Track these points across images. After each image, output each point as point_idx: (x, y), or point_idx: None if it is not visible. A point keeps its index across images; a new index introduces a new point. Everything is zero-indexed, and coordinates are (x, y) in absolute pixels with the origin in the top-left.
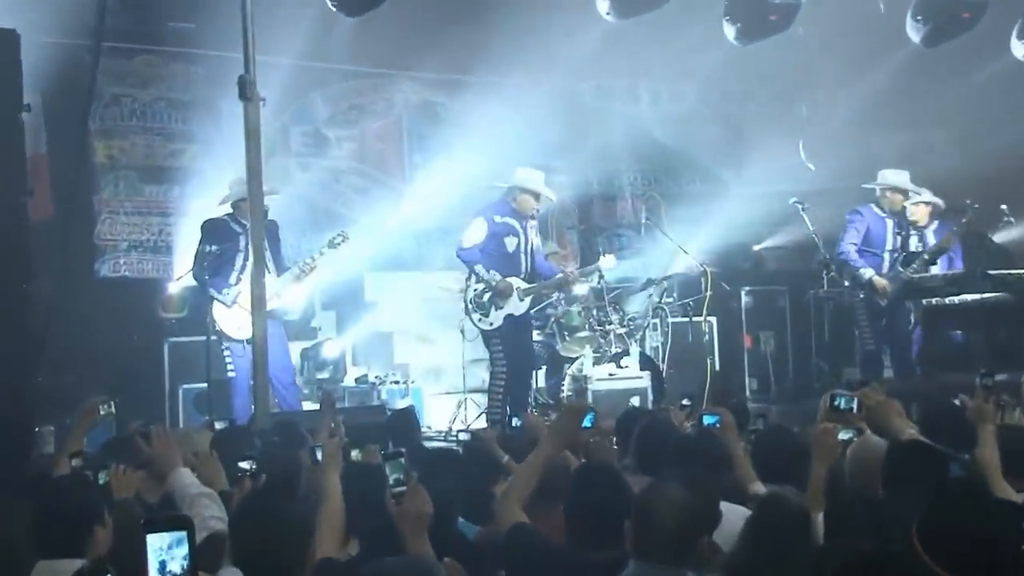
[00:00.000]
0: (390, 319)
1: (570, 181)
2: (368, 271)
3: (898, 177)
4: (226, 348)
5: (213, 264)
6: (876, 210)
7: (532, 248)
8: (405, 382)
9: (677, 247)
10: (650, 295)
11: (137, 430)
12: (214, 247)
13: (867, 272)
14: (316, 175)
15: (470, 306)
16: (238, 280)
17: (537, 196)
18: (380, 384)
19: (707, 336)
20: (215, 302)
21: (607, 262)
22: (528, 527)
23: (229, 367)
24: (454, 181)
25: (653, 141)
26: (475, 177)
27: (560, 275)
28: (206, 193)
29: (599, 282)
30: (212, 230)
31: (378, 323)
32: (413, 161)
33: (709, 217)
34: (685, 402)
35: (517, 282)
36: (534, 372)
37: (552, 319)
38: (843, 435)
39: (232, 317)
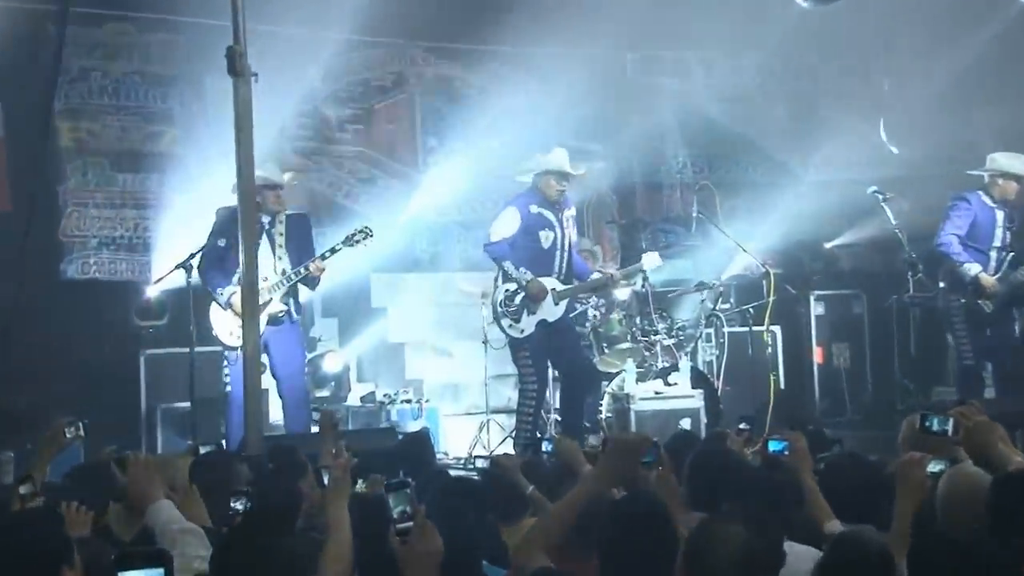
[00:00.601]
0: (401, 328)
1: (610, 168)
2: (375, 273)
3: (1013, 161)
4: (224, 357)
5: (217, 260)
6: (985, 198)
7: (569, 244)
8: (418, 401)
9: (735, 244)
10: (703, 300)
11: (110, 456)
12: (223, 241)
13: (973, 268)
14: (314, 161)
15: (499, 310)
16: (239, 279)
17: (563, 177)
18: (389, 403)
19: (770, 348)
20: (213, 304)
21: (650, 260)
22: (554, 573)
23: (226, 379)
24: (476, 169)
25: (707, 121)
26: (500, 164)
27: (599, 275)
28: (189, 182)
29: (643, 285)
30: (226, 220)
31: (387, 333)
32: (428, 145)
33: (772, 209)
34: (743, 425)
35: (551, 283)
36: (589, 386)
37: (589, 328)
38: (933, 467)
39: (228, 321)
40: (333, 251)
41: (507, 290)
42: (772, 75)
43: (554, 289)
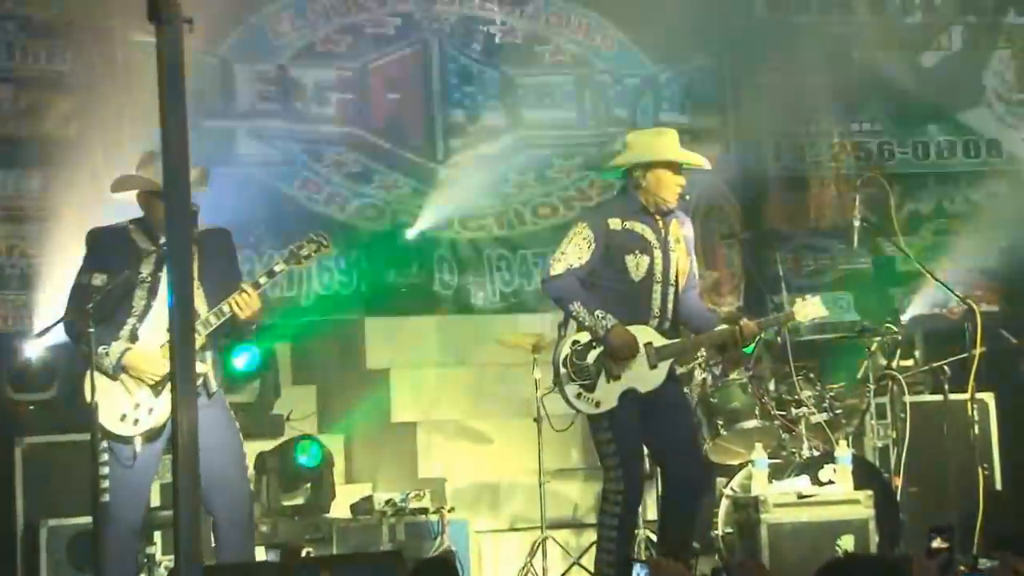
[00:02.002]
0: (411, 401)
1: (727, 155)
2: (371, 317)
3: None
4: (104, 451)
5: (100, 305)
6: None
7: (677, 275)
8: (438, 511)
9: (920, 268)
10: (871, 354)
11: None
12: (101, 276)
13: None
14: (279, 148)
15: (564, 371)
16: (133, 331)
17: (678, 169)
18: (395, 514)
19: (978, 427)
20: (89, 374)
21: (807, 310)
22: None
23: (103, 485)
24: (524, 158)
25: (877, 80)
26: (561, 150)
27: (725, 327)
28: (90, 183)
29: (778, 333)
30: (100, 246)
31: (390, 408)
32: (450, 123)
33: (983, 214)
34: (938, 543)
35: (647, 334)
36: (701, 489)
37: (696, 398)
38: None
39: (115, 396)
40: (270, 275)
41: (575, 343)
42: (981, 10)
43: (650, 344)
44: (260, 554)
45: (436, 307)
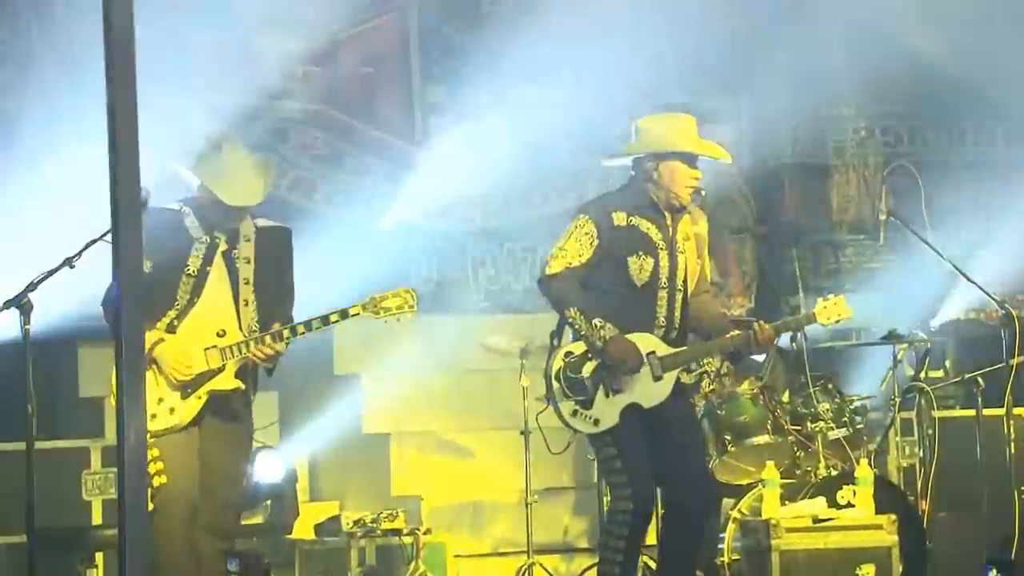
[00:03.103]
0: (383, 410)
1: (740, 141)
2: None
3: None
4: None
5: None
6: None
7: (685, 278)
8: (413, 532)
9: (952, 268)
10: (897, 363)
11: None
12: (147, 263)
13: None
14: (240, 127)
15: (556, 385)
16: (171, 325)
17: (694, 161)
18: (365, 536)
19: (1014, 445)
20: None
21: (832, 311)
22: None
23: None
24: (513, 142)
25: (907, 60)
26: (556, 132)
27: (736, 332)
28: (25, 163)
29: (793, 339)
30: (151, 229)
31: (360, 418)
32: (430, 100)
33: (1021, 208)
34: None
35: (650, 342)
36: (706, 510)
37: (701, 410)
38: None
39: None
40: (344, 315)
41: (568, 354)
42: None
43: (653, 353)
44: None
45: (414, 305)
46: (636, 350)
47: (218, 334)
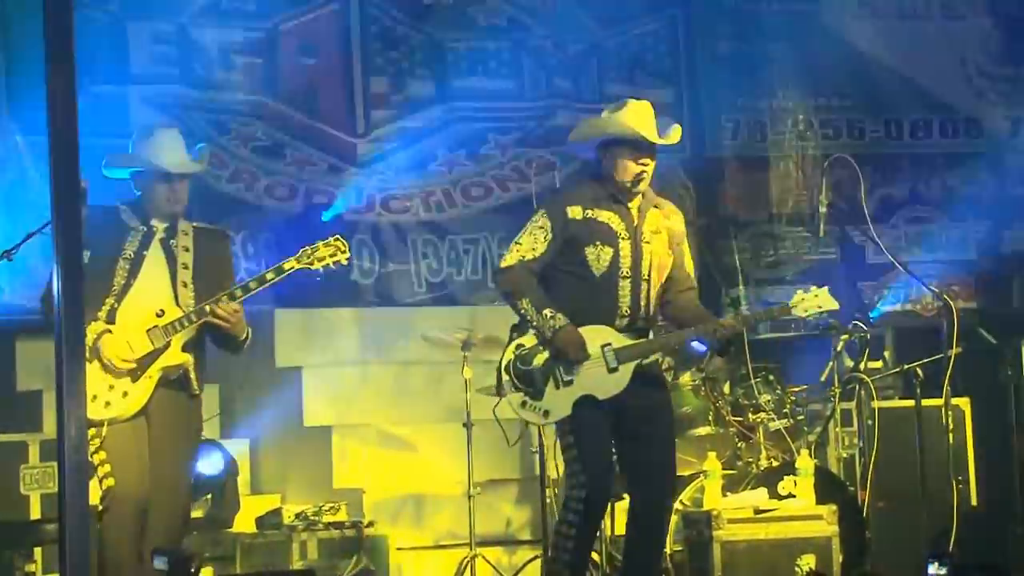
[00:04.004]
0: (325, 403)
1: (681, 132)
2: (282, 308)
3: None
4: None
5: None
6: None
7: (651, 268)
8: (355, 525)
9: (892, 261)
10: (837, 354)
11: None
12: (85, 253)
13: None
14: (179, 118)
15: (506, 377)
16: (111, 312)
17: (639, 148)
18: (306, 529)
19: (953, 435)
20: None
21: (811, 302)
22: None
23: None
24: (459, 132)
25: (844, 55)
26: (493, 123)
27: (699, 325)
28: None
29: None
30: (88, 225)
31: (302, 410)
32: (370, 92)
33: (959, 203)
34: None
35: (606, 334)
36: (666, 502)
37: None
38: None
39: (91, 378)
40: (280, 271)
41: (519, 347)
42: None
43: (608, 345)
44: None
45: (354, 298)
46: (582, 341)
47: (157, 314)
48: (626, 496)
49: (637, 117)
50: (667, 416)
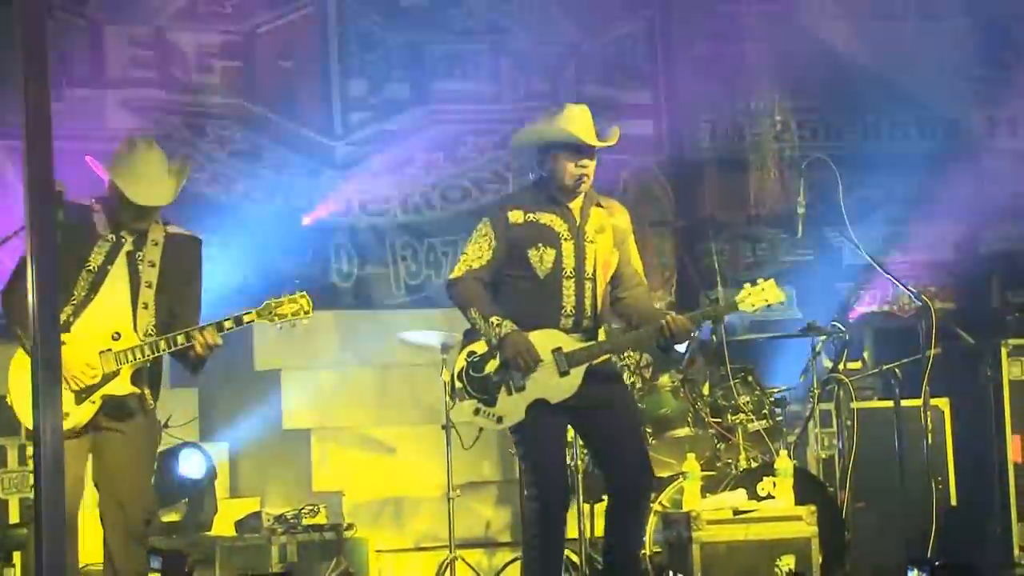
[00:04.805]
0: (304, 406)
1: (656, 133)
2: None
3: None
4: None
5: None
6: None
7: (595, 267)
8: (335, 528)
9: (870, 262)
10: (816, 355)
11: None
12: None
13: None
14: (156, 121)
15: (459, 385)
16: (67, 323)
17: (577, 153)
18: (285, 532)
19: (932, 436)
20: (17, 355)
21: (757, 296)
22: None
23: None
24: (437, 134)
25: (821, 56)
26: (470, 125)
27: (649, 325)
28: None
29: (714, 334)
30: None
31: (280, 414)
32: (348, 94)
33: (937, 203)
34: None
35: (555, 338)
36: (640, 501)
37: None
38: None
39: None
40: (237, 322)
41: (471, 354)
42: None
43: (559, 349)
44: None
45: (333, 301)
46: (530, 346)
47: (113, 336)
48: (604, 498)
49: (575, 121)
50: (627, 405)
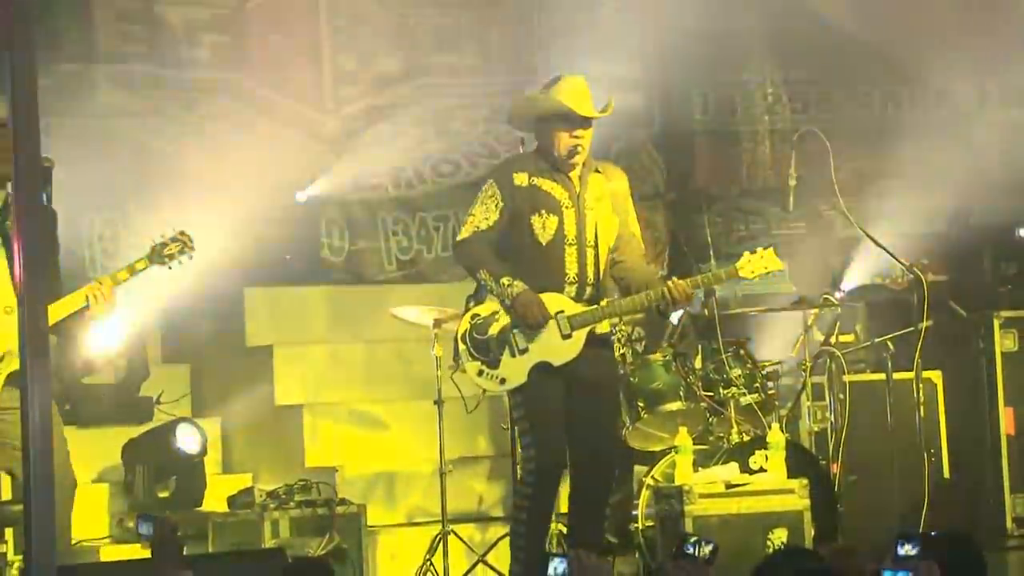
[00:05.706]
0: (296, 382)
1: (651, 106)
2: (251, 287)
3: None
4: None
5: None
6: None
7: (596, 234)
8: (327, 503)
9: (862, 233)
10: (808, 329)
11: None
12: None
13: None
14: (146, 97)
15: (462, 347)
16: None
17: (571, 123)
18: (278, 508)
19: (924, 408)
20: None
21: (757, 263)
22: None
23: None
24: (429, 109)
25: (813, 27)
26: (462, 99)
27: (651, 290)
28: None
29: (706, 307)
30: None
31: (272, 389)
32: (343, 68)
33: (928, 172)
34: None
35: (559, 301)
36: (611, 475)
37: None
38: None
39: None
40: (132, 271)
41: (475, 316)
42: None
43: (561, 312)
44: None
45: (324, 276)
46: (541, 304)
47: (6, 310)
48: None
49: (570, 92)
50: (611, 385)
